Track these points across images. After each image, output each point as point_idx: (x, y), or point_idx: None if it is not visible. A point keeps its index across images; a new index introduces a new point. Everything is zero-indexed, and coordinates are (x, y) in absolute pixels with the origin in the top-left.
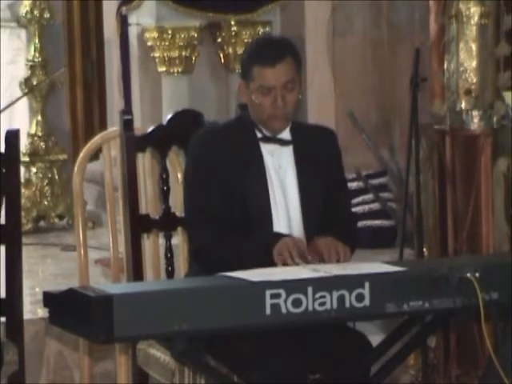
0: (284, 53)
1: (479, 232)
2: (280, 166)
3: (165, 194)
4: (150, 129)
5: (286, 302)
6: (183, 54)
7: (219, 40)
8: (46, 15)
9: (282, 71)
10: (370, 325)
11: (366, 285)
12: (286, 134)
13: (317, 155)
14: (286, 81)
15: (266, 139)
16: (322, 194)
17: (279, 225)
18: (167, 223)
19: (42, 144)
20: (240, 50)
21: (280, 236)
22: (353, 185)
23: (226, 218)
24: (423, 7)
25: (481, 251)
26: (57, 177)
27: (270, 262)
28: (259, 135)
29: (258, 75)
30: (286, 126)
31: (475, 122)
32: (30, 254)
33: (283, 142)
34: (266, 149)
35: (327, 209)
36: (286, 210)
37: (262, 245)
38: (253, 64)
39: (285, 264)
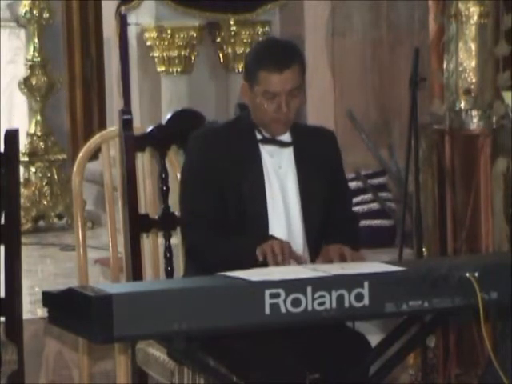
0: (292, 59)
1: (478, 232)
2: (280, 167)
3: (164, 194)
4: (150, 128)
5: (285, 301)
6: (182, 53)
7: (218, 40)
8: (46, 15)
9: (288, 78)
10: (369, 324)
11: (366, 284)
12: (285, 136)
13: (317, 156)
14: (292, 88)
15: (266, 141)
16: (322, 194)
17: (277, 227)
18: (166, 223)
19: (41, 144)
20: (239, 50)
21: (270, 238)
22: (352, 184)
23: (221, 220)
24: (423, 7)
25: (480, 251)
26: (56, 176)
27: (255, 262)
28: (259, 137)
29: (264, 80)
30: (286, 131)
31: (474, 121)
32: (29, 254)
33: (283, 144)
34: (266, 150)
35: (329, 209)
36: (285, 211)
37: (250, 244)
38: (259, 68)
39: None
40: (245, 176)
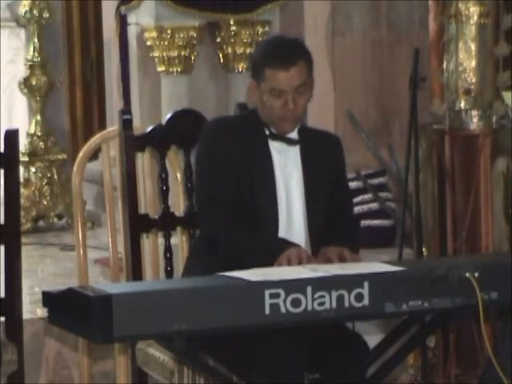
0: (297, 56)
1: (478, 232)
2: (286, 165)
3: (164, 194)
4: (149, 128)
5: (285, 301)
6: (182, 53)
7: (218, 40)
8: (46, 15)
9: (294, 75)
10: (369, 324)
11: (365, 284)
12: (293, 134)
13: (322, 158)
14: (298, 84)
15: (275, 137)
16: (325, 195)
17: (281, 223)
18: (166, 223)
19: (41, 144)
20: (239, 50)
21: (286, 244)
22: (352, 184)
23: (237, 208)
24: (422, 7)
25: (480, 251)
26: (56, 176)
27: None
28: (268, 132)
29: (269, 77)
30: (294, 128)
31: (474, 121)
32: (29, 254)
33: (291, 141)
34: (274, 146)
35: (330, 210)
36: (287, 209)
37: (268, 251)
38: (265, 65)
39: None
40: (256, 169)
